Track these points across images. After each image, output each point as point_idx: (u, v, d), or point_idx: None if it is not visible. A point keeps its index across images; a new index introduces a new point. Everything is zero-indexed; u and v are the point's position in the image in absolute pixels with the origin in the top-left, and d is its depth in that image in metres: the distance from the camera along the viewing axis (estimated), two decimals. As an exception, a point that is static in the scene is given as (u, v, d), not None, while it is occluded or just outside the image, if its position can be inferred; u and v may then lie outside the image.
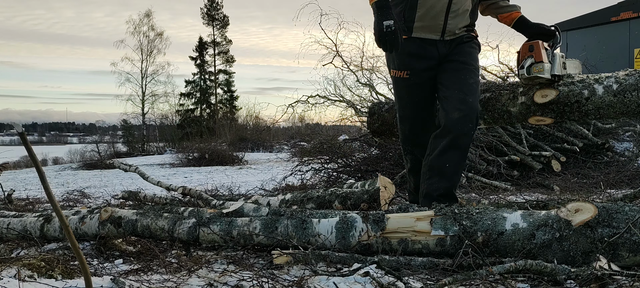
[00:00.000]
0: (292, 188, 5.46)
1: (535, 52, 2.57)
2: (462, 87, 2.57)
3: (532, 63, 2.58)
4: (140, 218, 2.61)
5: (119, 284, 1.79)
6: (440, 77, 2.65)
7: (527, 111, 2.76)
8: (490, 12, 2.80)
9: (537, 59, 2.57)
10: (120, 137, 30.24)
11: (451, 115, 2.55)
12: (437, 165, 2.58)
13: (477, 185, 4.91)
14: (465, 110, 2.54)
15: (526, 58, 2.60)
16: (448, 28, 2.60)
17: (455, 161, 2.57)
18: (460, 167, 2.62)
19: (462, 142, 2.57)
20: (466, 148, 2.61)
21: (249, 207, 2.62)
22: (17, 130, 1.10)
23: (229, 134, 22.71)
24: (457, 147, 2.56)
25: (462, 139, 2.56)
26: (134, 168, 4.64)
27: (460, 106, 2.54)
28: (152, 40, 30.84)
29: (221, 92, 34.36)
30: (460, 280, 1.76)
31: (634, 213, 1.91)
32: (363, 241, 2.20)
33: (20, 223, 2.95)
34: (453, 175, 2.58)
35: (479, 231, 2.07)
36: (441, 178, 2.57)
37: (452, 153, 2.56)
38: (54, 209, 1.17)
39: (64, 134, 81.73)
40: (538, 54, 2.57)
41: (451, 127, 2.54)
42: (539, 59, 2.57)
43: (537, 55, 2.57)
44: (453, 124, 2.54)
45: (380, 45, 2.45)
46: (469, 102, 2.55)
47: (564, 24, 12.41)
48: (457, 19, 2.59)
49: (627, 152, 6.33)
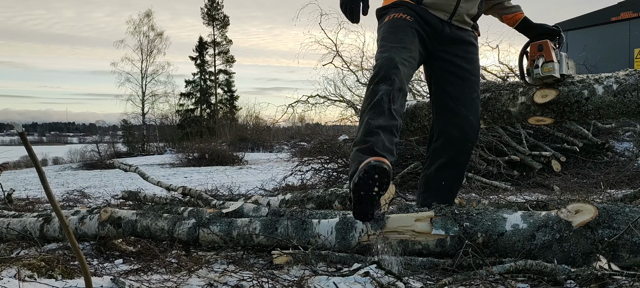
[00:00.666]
0: (292, 188, 5.46)
1: (545, 51, 2.59)
2: (466, 102, 2.53)
3: (543, 62, 2.60)
4: (140, 219, 2.61)
5: (119, 284, 1.79)
6: (444, 80, 2.56)
7: (527, 111, 2.76)
8: (495, 12, 2.79)
9: (548, 58, 2.59)
10: (120, 137, 30.25)
11: (452, 133, 2.52)
12: (433, 181, 2.60)
13: (477, 185, 4.92)
14: (466, 129, 2.53)
15: (538, 57, 2.61)
16: (459, 11, 2.49)
17: (452, 178, 2.58)
18: (455, 184, 2.62)
19: (461, 160, 2.57)
20: (464, 165, 2.61)
21: (248, 207, 2.62)
22: (17, 130, 1.10)
23: (229, 134, 22.72)
24: (455, 165, 2.56)
25: (460, 157, 2.56)
26: (134, 168, 4.65)
27: (462, 124, 2.52)
28: (152, 40, 30.88)
29: (221, 92, 34.39)
30: (460, 280, 1.76)
31: (634, 214, 1.91)
32: (363, 242, 2.20)
33: (20, 223, 2.95)
34: (448, 192, 2.59)
35: (479, 232, 2.07)
36: (436, 195, 2.58)
37: (450, 170, 2.57)
38: (54, 209, 1.17)
39: (64, 134, 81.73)
40: (548, 53, 2.59)
41: (451, 144, 2.54)
42: (549, 58, 2.59)
43: (547, 55, 2.58)
44: (453, 142, 2.53)
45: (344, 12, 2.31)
46: (470, 120, 2.53)
47: (564, 24, 12.41)
48: (469, 4, 2.51)
49: (627, 152, 6.33)
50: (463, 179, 2.68)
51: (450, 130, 2.53)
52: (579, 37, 12.00)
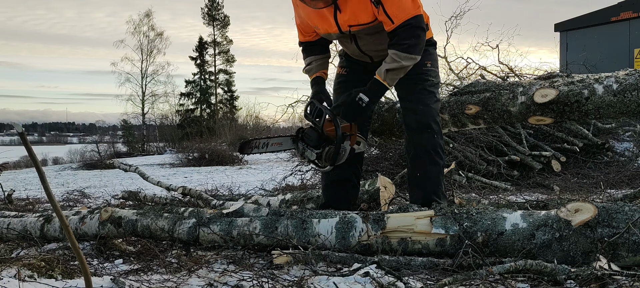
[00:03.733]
0: (292, 188, 5.46)
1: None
2: (413, 99, 2.66)
3: None
4: (140, 218, 2.61)
5: (119, 284, 1.79)
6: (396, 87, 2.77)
7: (527, 111, 2.76)
8: None
9: None
10: (120, 137, 30.24)
11: (409, 125, 2.68)
12: (411, 175, 2.73)
13: (477, 185, 4.92)
14: (412, 118, 2.66)
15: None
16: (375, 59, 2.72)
17: (421, 166, 2.66)
18: (429, 171, 2.66)
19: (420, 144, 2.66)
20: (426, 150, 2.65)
21: (249, 207, 2.62)
22: (17, 130, 1.10)
23: (229, 134, 22.70)
24: (417, 153, 2.67)
25: (419, 143, 2.66)
26: (134, 168, 4.64)
27: (411, 116, 2.67)
28: (152, 40, 30.87)
29: (221, 92, 34.37)
30: (460, 280, 1.76)
31: (633, 213, 1.91)
32: (363, 241, 2.20)
33: (20, 223, 2.95)
34: (424, 180, 2.67)
35: (479, 231, 2.07)
36: (416, 187, 2.70)
37: (415, 160, 2.68)
38: (54, 209, 1.18)
39: (63, 133, 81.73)
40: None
41: (409, 136, 2.70)
42: None
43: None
44: (409, 132, 2.69)
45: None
46: (416, 110, 2.64)
47: (564, 24, 12.41)
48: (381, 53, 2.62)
49: (627, 152, 6.33)
50: (438, 165, 2.66)
51: (407, 123, 2.70)
52: (579, 37, 11.99)
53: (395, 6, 2.37)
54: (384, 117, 3.28)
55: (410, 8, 2.39)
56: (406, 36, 2.39)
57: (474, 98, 2.98)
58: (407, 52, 2.38)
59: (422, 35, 2.42)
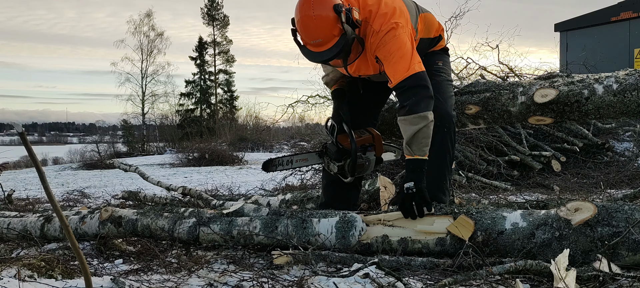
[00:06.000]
0: (292, 188, 5.46)
1: None
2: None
3: None
4: (140, 218, 2.61)
5: (119, 284, 1.79)
6: None
7: (527, 111, 2.76)
8: None
9: None
10: (120, 137, 30.20)
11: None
12: None
13: (477, 185, 4.92)
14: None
15: None
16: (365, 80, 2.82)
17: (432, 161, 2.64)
18: (437, 165, 2.60)
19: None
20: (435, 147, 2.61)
21: (249, 207, 2.62)
22: (17, 130, 1.10)
23: (229, 134, 22.71)
24: None
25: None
26: (134, 168, 4.64)
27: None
28: (153, 40, 30.83)
29: (221, 92, 34.35)
30: (460, 280, 1.76)
31: (633, 212, 1.91)
32: (363, 241, 2.20)
33: (20, 223, 2.95)
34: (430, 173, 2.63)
35: (479, 230, 2.07)
36: None
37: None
38: (54, 209, 1.18)
39: (63, 133, 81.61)
40: None
41: None
42: None
43: None
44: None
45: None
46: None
47: (564, 24, 12.41)
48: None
49: (627, 152, 6.33)
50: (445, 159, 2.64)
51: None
52: (579, 37, 11.98)
53: (391, 68, 2.41)
54: (384, 117, 3.27)
55: (403, 70, 2.39)
56: (404, 99, 2.41)
57: (474, 98, 2.98)
58: (408, 113, 2.37)
59: (421, 91, 2.40)
